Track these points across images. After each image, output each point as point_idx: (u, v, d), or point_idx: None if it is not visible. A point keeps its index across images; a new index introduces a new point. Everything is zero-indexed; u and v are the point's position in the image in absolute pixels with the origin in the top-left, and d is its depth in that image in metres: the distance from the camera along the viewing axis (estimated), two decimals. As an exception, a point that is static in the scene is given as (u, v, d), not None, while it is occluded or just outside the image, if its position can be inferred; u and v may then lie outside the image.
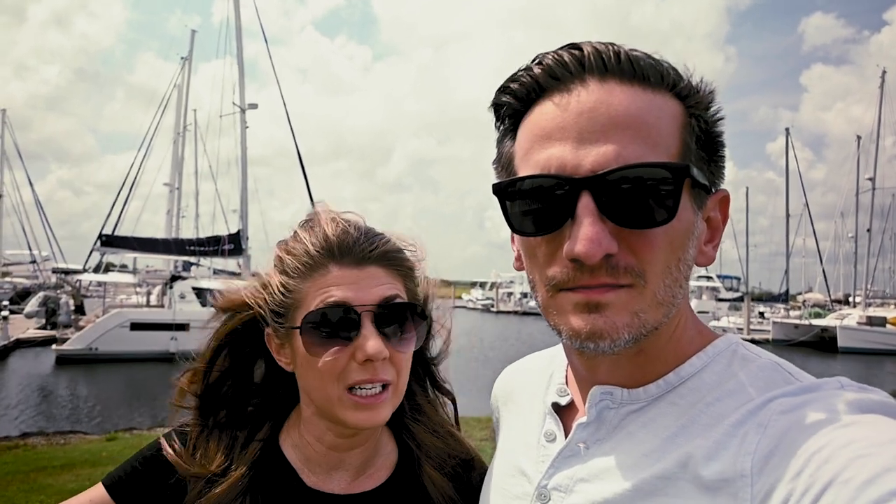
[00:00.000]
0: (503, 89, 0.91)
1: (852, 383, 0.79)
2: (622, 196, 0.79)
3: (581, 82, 0.83)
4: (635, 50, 0.87)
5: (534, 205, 0.84)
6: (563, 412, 1.03)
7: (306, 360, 1.14)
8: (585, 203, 0.79)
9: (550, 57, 0.86)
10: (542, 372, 1.14)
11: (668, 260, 0.83)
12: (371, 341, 1.10)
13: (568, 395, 1.04)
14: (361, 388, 1.12)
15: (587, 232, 0.79)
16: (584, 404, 0.95)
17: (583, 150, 0.80)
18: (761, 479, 0.71)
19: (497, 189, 0.89)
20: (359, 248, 1.15)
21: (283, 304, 1.16)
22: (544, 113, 0.85)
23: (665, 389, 0.89)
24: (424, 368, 1.39)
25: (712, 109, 0.89)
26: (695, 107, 0.87)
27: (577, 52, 0.85)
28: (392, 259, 1.19)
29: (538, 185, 0.83)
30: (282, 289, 1.16)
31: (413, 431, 1.32)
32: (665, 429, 0.86)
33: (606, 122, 0.80)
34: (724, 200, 0.93)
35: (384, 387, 1.14)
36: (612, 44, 0.86)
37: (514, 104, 0.90)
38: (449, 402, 1.43)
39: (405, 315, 1.17)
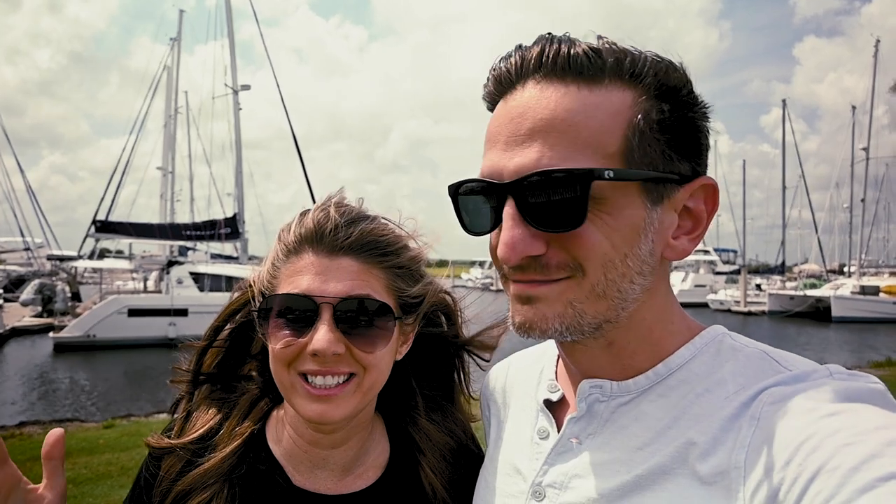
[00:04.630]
0: (483, 93, 0.95)
1: (842, 370, 0.79)
2: (537, 201, 0.81)
3: (521, 86, 0.86)
4: (602, 39, 0.85)
5: (476, 206, 0.90)
6: (555, 408, 1.02)
7: (269, 345, 1.12)
8: (507, 207, 0.83)
9: (503, 61, 0.89)
10: (532, 368, 1.14)
11: (607, 255, 0.82)
12: (320, 335, 1.05)
13: (559, 390, 1.03)
14: (316, 378, 1.07)
15: (504, 237, 0.83)
16: (575, 399, 0.94)
17: (508, 154, 0.83)
18: (753, 470, 0.72)
19: (449, 191, 0.94)
20: (334, 236, 1.10)
21: (267, 289, 1.15)
22: (492, 117, 0.90)
23: (654, 381, 0.89)
24: (451, 360, 1.35)
25: (683, 94, 0.85)
26: (658, 92, 0.83)
27: (523, 53, 0.87)
28: (370, 251, 1.12)
29: (475, 188, 0.89)
30: (268, 273, 1.16)
31: (425, 429, 1.28)
32: (657, 421, 0.86)
33: (531, 126, 0.82)
34: (707, 188, 0.87)
35: (348, 378, 1.09)
36: (563, 39, 0.85)
37: (487, 104, 0.94)
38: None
39: (372, 314, 1.10)
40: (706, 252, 65.84)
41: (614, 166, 0.80)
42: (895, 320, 39.61)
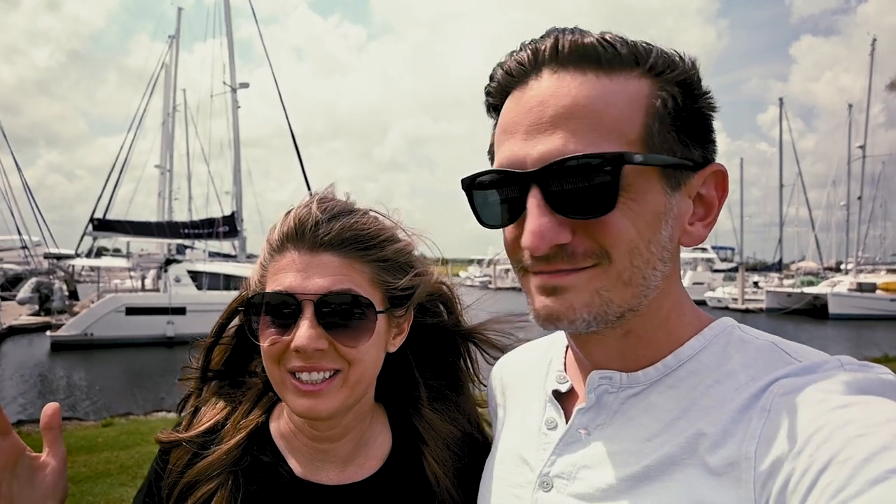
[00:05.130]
0: (486, 90, 0.95)
1: (853, 362, 0.79)
2: (565, 187, 0.81)
3: (537, 76, 0.85)
4: (608, 33, 0.85)
5: (494, 198, 0.89)
6: (564, 399, 1.02)
7: (259, 342, 1.13)
8: (532, 196, 0.82)
9: (514, 54, 0.89)
10: (541, 360, 1.13)
11: (633, 241, 0.82)
12: (302, 332, 1.06)
13: (567, 381, 1.03)
14: (302, 374, 1.09)
15: (531, 225, 0.82)
16: (584, 390, 0.94)
17: (530, 143, 0.83)
18: (763, 461, 0.72)
19: (463, 184, 0.93)
20: (314, 232, 1.11)
21: (257, 288, 1.17)
22: (506, 109, 0.89)
23: (664, 372, 0.89)
24: (455, 349, 1.35)
25: (693, 83, 0.86)
26: (669, 82, 0.84)
27: (536, 45, 0.87)
28: (352, 246, 1.12)
29: (495, 179, 0.88)
30: (258, 272, 1.18)
31: (428, 419, 1.29)
32: (666, 412, 0.85)
33: (553, 114, 0.82)
34: (718, 175, 0.89)
35: (333, 374, 1.10)
36: (574, 31, 0.85)
37: (491, 100, 0.94)
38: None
39: (355, 309, 1.10)
40: (704, 250, 65.96)
41: (638, 152, 0.81)
42: (892, 317, 39.77)
